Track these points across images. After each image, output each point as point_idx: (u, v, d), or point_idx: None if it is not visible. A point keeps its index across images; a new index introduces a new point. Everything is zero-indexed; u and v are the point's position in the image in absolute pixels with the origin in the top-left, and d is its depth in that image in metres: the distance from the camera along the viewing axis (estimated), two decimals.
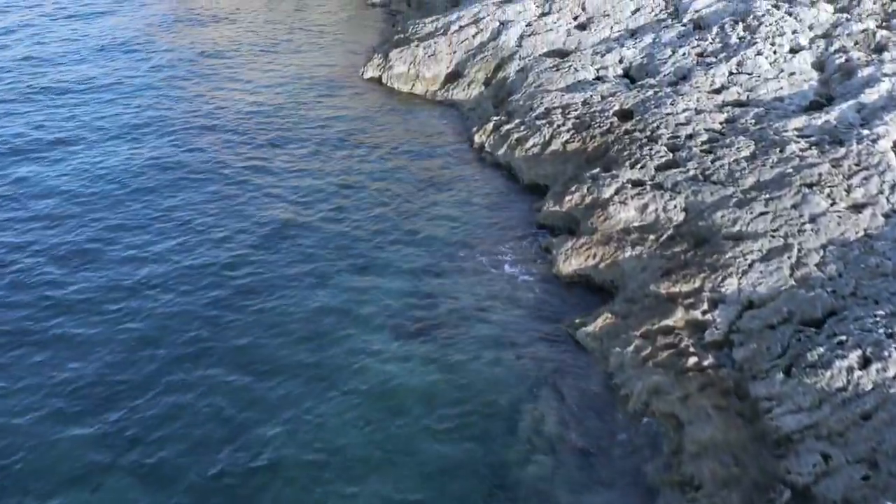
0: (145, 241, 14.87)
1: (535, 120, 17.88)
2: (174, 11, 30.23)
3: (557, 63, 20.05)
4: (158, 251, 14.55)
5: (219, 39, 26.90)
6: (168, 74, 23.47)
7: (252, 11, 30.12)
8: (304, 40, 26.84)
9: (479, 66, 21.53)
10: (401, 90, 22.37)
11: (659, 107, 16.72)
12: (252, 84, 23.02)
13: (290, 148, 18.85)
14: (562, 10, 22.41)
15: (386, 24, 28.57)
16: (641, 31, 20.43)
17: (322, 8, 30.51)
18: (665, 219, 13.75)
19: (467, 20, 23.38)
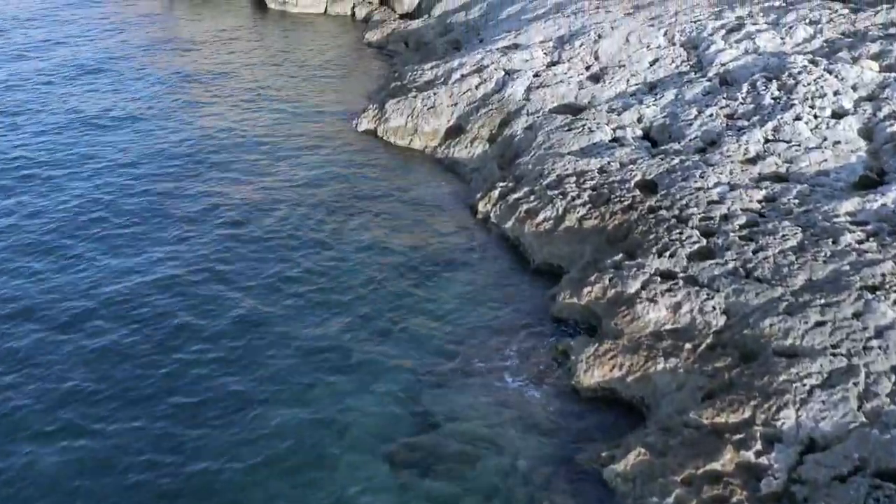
0: (78, 342, 12.89)
1: (547, 189, 16.00)
2: (155, 42, 28.41)
3: (570, 121, 18.18)
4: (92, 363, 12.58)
5: (199, 79, 25.03)
6: (139, 126, 21.55)
7: (238, 49, 28.28)
8: (294, 84, 25.01)
9: (482, 120, 19.67)
10: (397, 145, 20.54)
11: (687, 179, 14.83)
12: (233, 132, 21.16)
13: (266, 220, 16.90)
14: (572, 59, 20.59)
15: (383, 65, 26.78)
16: (661, 86, 18.58)
17: (315, 46, 28.74)
18: (702, 323, 11.81)
19: (469, 68, 21.56)
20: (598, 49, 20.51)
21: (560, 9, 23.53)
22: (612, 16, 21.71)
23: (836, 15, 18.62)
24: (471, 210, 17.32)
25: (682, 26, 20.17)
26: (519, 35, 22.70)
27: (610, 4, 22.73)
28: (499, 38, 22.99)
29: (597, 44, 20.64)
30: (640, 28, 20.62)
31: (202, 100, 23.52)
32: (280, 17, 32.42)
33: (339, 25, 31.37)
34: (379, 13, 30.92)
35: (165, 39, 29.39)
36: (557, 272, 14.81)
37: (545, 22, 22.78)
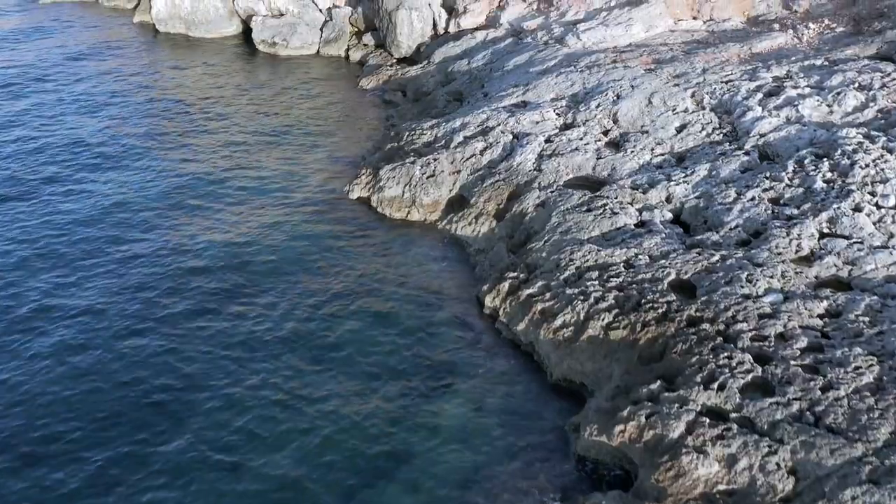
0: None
1: (565, 286, 13.81)
2: (134, 86, 26.26)
3: (588, 199, 16.01)
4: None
5: (176, 129, 22.86)
6: (102, 180, 19.37)
7: (224, 95, 26.16)
8: (280, 138, 22.88)
9: (488, 193, 17.50)
10: (393, 217, 18.33)
11: (731, 283, 12.63)
12: (210, 195, 19.12)
13: (242, 309, 14.68)
14: (588, 121, 18.44)
15: (378, 117, 24.61)
16: (692, 158, 16.43)
17: (305, 93, 26.62)
18: (765, 486, 9.59)
19: (473, 129, 19.42)
20: (616, 111, 18.37)
21: (572, 61, 21.42)
22: (632, 72, 19.58)
23: (890, 79, 16.49)
24: (477, 301, 15.11)
25: (712, 87, 18.04)
26: (528, 91, 20.58)
27: (628, 58, 20.62)
28: (505, 94, 20.86)
29: (615, 105, 18.51)
30: (663, 88, 18.50)
31: (174, 156, 21.41)
32: (270, 60, 30.34)
33: (332, 69, 29.27)
34: (375, 57, 28.83)
35: (145, 84, 27.28)
36: (580, 391, 12.59)
37: (556, 77, 20.66)
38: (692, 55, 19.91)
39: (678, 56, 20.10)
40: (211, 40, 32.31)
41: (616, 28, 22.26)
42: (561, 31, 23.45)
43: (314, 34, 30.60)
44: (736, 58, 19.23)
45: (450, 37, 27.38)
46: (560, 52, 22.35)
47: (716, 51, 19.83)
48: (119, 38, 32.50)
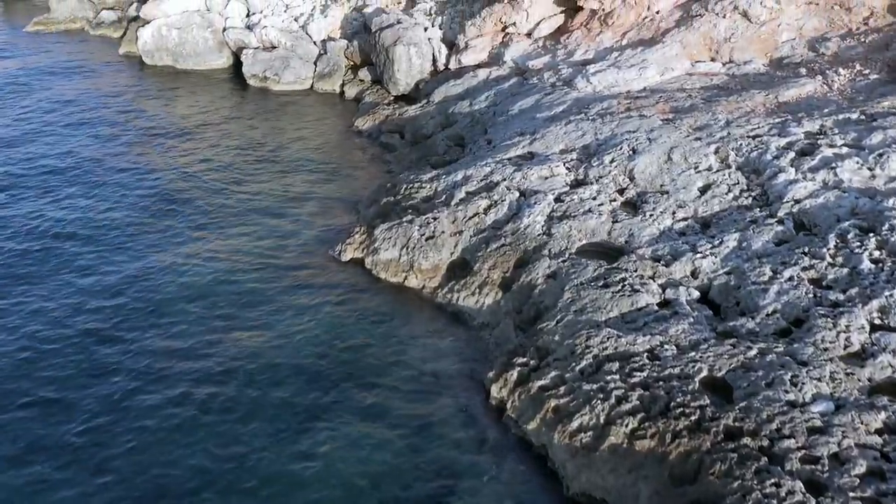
0: None
1: (582, 379, 12.24)
2: (117, 124, 24.74)
3: (604, 271, 14.44)
4: None
5: (153, 177, 21.32)
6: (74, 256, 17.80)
7: (209, 134, 24.65)
8: (266, 185, 21.38)
9: (493, 259, 15.93)
10: (389, 282, 16.72)
11: (772, 385, 11.05)
12: (180, 253, 17.47)
13: (210, 392, 13.08)
14: (602, 178, 16.90)
15: (374, 162, 23.12)
16: (719, 225, 14.86)
17: (296, 132, 25.14)
18: None
19: (476, 184, 17.88)
20: (633, 167, 16.83)
21: (582, 108, 19.90)
22: (648, 123, 18.05)
23: None
24: (483, 390, 13.52)
25: (738, 142, 16.51)
26: (535, 141, 19.05)
27: (643, 105, 19.09)
28: (510, 143, 19.34)
29: (631, 160, 16.96)
30: (684, 142, 16.96)
31: (146, 203, 19.83)
32: (260, 95, 28.86)
33: (326, 106, 27.77)
34: (371, 94, 27.33)
35: (125, 121, 25.78)
36: None
37: (566, 125, 19.14)
38: (713, 104, 18.38)
39: (698, 104, 18.57)
40: (199, 73, 30.88)
41: (629, 71, 20.75)
42: (569, 73, 21.95)
43: (307, 68, 29.12)
44: (762, 108, 17.69)
45: (450, 74, 25.91)
46: (569, 97, 20.83)
47: (739, 99, 18.31)
48: (104, 70, 31.04)
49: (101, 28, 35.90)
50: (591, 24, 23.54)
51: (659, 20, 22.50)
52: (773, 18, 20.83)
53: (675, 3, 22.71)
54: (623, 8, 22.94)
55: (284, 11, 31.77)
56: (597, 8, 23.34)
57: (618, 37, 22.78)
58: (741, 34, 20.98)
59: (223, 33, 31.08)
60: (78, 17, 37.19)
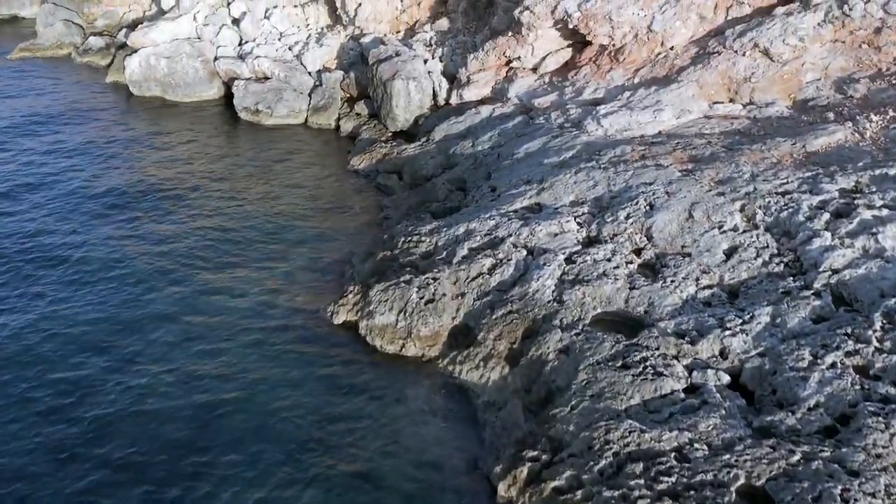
0: None
1: (601, 482, 10.86)
2: (100, 160, 23.38)
3: (623, 348, 13.05)
4: None
5: (131, 220, 19.92)
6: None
7: (195, 172, 23.33)
8: (254, 233, 20.02)
9: (499, 327, 14.53)
10: (385, 350, 15.32)
11: (820, 501, 9.60)
12: (155, 313, 16.06)
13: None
14: (617, 236, 15.51)
15: (370, 206, 21.72)
16: (748, 296, 13.47)
17: (287, 172, 23.82)
18: None
19: (480, 239, 16.50)
20: (650, 225, 15.45)
21: (593, 154, 18.54)
22: (666, 174, 16.68)
23: None
24: (488, 483, 12.09)
25: (766, 200, 15.14)
26: (542, 190, 17.68)
27: (659, 153, 17.73)
28: (516, 193, 17.98)
29: (649, 217, 15.58)
30: (705, 197, 15.59)
31: (119, 253, 18.45)
32: (252, 129, 27.51)
33: (320, 142, 26.42)
34: (368, 129, 25.97)
35: (108, 156, 24.47)
36: None
37: (575, 173, 17.77)
38: (736, 153, 17.01)
39: (719, 153, 17.20)
40: (189, 104, 29.54)
41: (642, 113, 19.39)
42: (578, 114, 20.59)
43: (302, 101, 27.78)
44: (789, 159, 16.33)
45: (451, 110, 24.57)
46: (578, 140, 19.46)
47: (763, 148, 16.94)
48: (89, 101, 29.71)
49: (88, 55, 34.58)
50: (600, 61, 22.21)
51: (673, 57, 21.17)
52: (797, 57, 19.50)
53: (690, 38, 21.38)
54: (635, 44, 21.61)
55: (278, 40, 30.48)
56: (606, 43, 22.01)
57: (629, 74, 21.44)
58: (762, 74, 19.64)
59: (214, 63, 29.76)
60: (65, 42, 35.92)
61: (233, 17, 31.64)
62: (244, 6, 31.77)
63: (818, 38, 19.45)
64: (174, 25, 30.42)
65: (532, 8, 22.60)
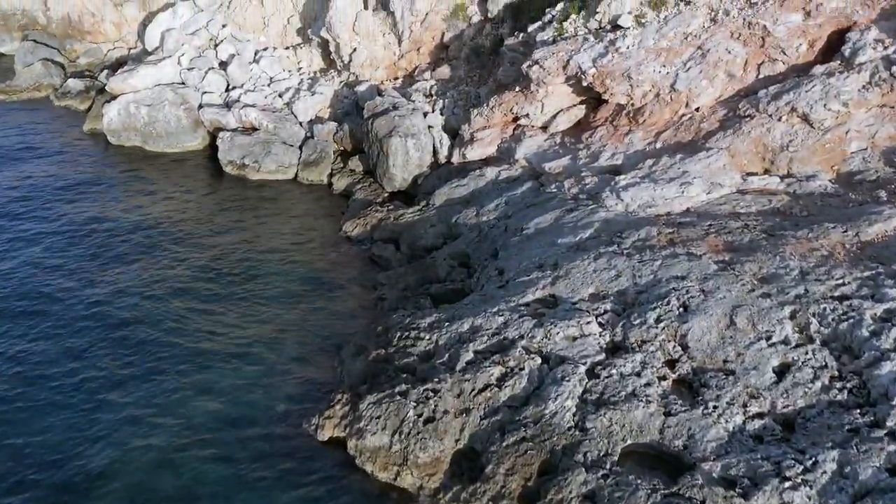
0: None
1: None
2: (75, 217, 21.27)
3: (661, 500, 10.79)
4: None
5: (96, 294, 17.80)
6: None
7: (171, 232, 21.29)
8: (232, 318, 17.97)
9: (510, 459, 12.40)
10: (377, 477, 13.13)
11: None
12: (110, 421, 13.90)
13: None
14: (646, 342, 13.39)
15: (364, 283, 19.60)
16: (808, 433, 11.34)
17: (272, 237, 21.82)
18: None
19: (487, 340, 14.40)
20: (685, 332, 13.31)
21: (613, 234, 16.43)
22: (700, 266, 14.56)
23: None
24: None
25: (820, 306, 13.02)
26: (557, 278, 15.56)
27: (689, 238, 15.63)
28: (527, 281, 15.87)
29: (683, 322, 13.44)
30: (748, 299, 13.46)
31: (76, 341, 16.32)
32: (238, 185, 25.43)
33: (311, 201, 24.34)
34: (363, 188, 23.91)
35: (79, 223, 22.29)
36: None
37: (595, 259, 15.65)
38: (779, 240, 14.91)
39: (759, 241, 15.09)
40: (171, 156, 27.43)
41: (668, 187, 17.31)
42: (595, 184, 18.52)
43: (292, 154, 25.72)
44: (841, 251, 14.22)
45: (453, 170, 22.52)
46: (596, 217, 17.37)
47: (810, 235, 14.84)
48: (63, 151, 27.65)
49: (66, 98, 32.54)
50: (617, 121, 20.15)
51: (699, 119, 19.12)
52: (840, 124, 17.46)
53: (718, 98, 19.34)
54: (656, 104, 19.56)
55: (268, 85, 28.47)
56: (624, 103, 19.96)
57: (650, 137, 19.38)
58: (801, 142, 17.58)
59: (199, 111, 27.67)
60: (43, 83, 33.92)
61: (220, 60, 29.64)
62: (232, 48, 29.80)
63: (863, 102, 17.40)
64: (156, 70, 28.40)
65: (542, 62, 20.56)
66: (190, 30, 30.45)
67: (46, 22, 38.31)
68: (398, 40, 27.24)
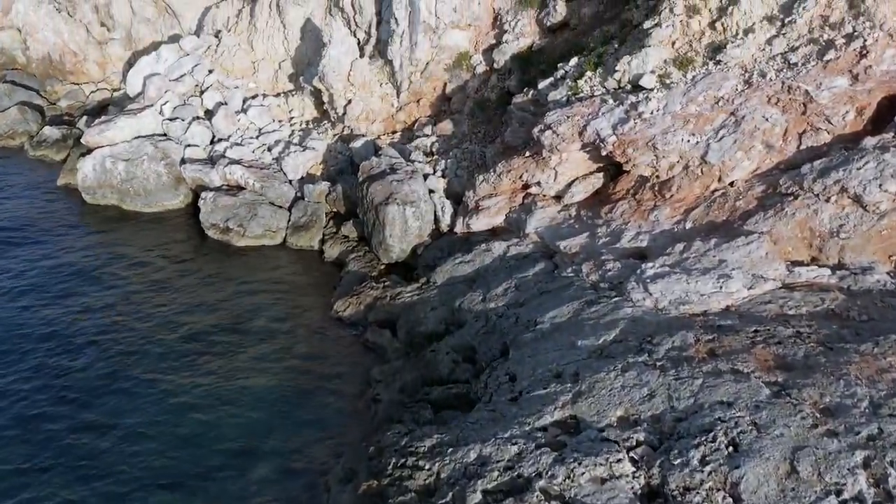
0: None
1: None
2: (41, 285, 19.09)
3: None
4: None
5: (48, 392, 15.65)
6: None
7: (139, 316, 19.00)
8: (202, 429, 15.60)
9: None
10: None
11: None
12: None
13: None
14: (689, 490, 11.19)
15: (356, 376, 17.38)
16: None
17: (259, 317, 19.61)
18: None
19: (498, 476, 12.44)
20: (737, 480, 11.10)
21: (643, 340, 14.27)
22: (748, 389, 12.39)
23: None
24: None
25: None
26: (580, 395, 13.38)
27: (732, 348, 13.45)
28: (544, 395, 13.69)
29: (734, 465, 11.24)
30: (811, 438, 11.29)
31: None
32: (220, 252, 23.28)
33: (301, 272, 22.21)
34: (357, 258, 21.77)
35: (44, 297, 20.12)
36: None
37: (623, 371, 13.46)
38: (839, 356, 12.72)
39: (815, 356, 12.89)
40: (150, 216, 25.28)
41: (703, 280, 15.15)
42: (618, 270, 16.36)
43: (280, 217, 23.61)
44: None
45: (456, 241, 20.38)
46: (621, 313, 15.19)
47: (875, 350, 12.68)
48: (33, 210, 25.50)
49: (41, 148, 30.44)
50: (640, 195, 18.02)
51: (734, 196, 16.99)
52: None
53: (755, 171, 17.24)
54: (685, 177, 17.45)
55: (256, 138, 26.38)
56: (649, 175, 17.82)
57: (679, 215, 17.25)
58: (854, 228, 15.44)
59: (180, 166, 25.55)
60: (18, 131, 31.85)
61: (206, 108, 27.55)
62: (219, 96, 27.76)
63: None
64: (136, 121, 26.33)
65: (555, 127, 18.45)
66: (174, 75, 28.43)
67: (26, 61, 36.34)
68: (396, 91, 25.19)
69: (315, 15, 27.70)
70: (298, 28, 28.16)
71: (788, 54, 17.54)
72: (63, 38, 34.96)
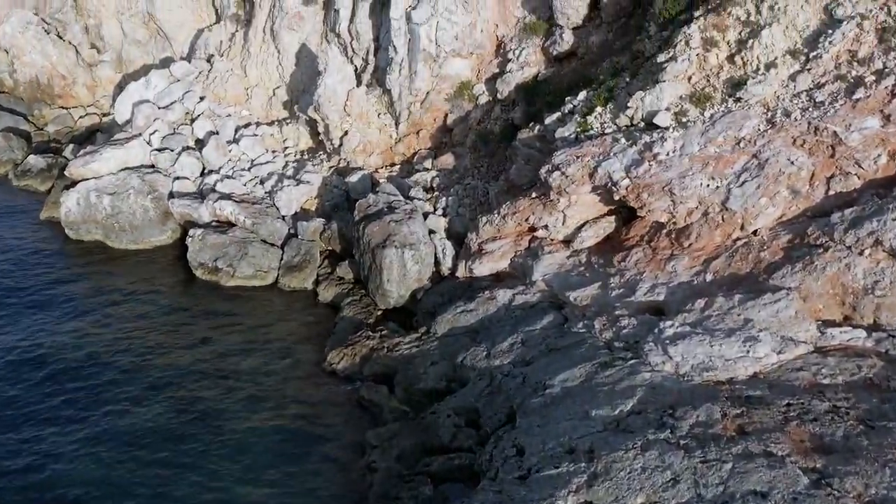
0: None
1: None
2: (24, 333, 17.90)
3: None
4: None
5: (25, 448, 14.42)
6: None
7: (120, 366, 17.79)
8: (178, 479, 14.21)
9: None
10: None
11: None
12: None
13: None
14: None
15: (349, 441, 16.08)
16: None
17: (248, 363, 18.52)
18: None
19: None
20: None
21: (663, 411, 13.03)
22: (784, 477, 11.22)
23: None
24: None
25: None
26: (595, 477, 12.19)
27: (763, 425, 12.20)
28: (556, 475, 12.43)
29: None
30: None
31: None
32: (209, 293, 22.07)
33: (293, 313, 21.00)
34: (352, 302, 20.58)
35: (16, 347, 18.81)
36: None
37: (643, 450, 12.23)
38: (882, 437, 11.54)
39: (855, 436, 11.68)
40: (135, 253, 24.02)
41: (727, 342, 13.91)
42: (633, 328, 15.13)
43: (272, 256, 22.40)
44: None
45: (458, 287, 19.16)
46: (638, 378, 13.94)
47: None
48: (14, 245, 24.17)
49: (26, 178, 29.26)
50: (656, 242, 16.80)
51: (759, 246, 15.77)
52: None
53: (779, 218, 16.00)
54: (704, 225, 16.23)
55: (248, 170, 25.17)
56: (665, 221, 16.58)
57: (698, 265, 16.03)
58: (890, 284, 14.23)
59: (168, 201, 24.33)
60: (3, 159, 30.76)
61: (196, 138, 26.36)
62: (210, 124, 26.58)
63: None
64: (123, 152, 25.15)
65: (563, 168, 17.25)
66: (163, 102, 27.27)
67: (13, 84, 35.17)
68: (395, 122, 24.02)
69: (310, 41, 26.55)
70: (293, 53, 27.02)
71: (814, 92, 16.35)
72: (51, 61, 33.83)
